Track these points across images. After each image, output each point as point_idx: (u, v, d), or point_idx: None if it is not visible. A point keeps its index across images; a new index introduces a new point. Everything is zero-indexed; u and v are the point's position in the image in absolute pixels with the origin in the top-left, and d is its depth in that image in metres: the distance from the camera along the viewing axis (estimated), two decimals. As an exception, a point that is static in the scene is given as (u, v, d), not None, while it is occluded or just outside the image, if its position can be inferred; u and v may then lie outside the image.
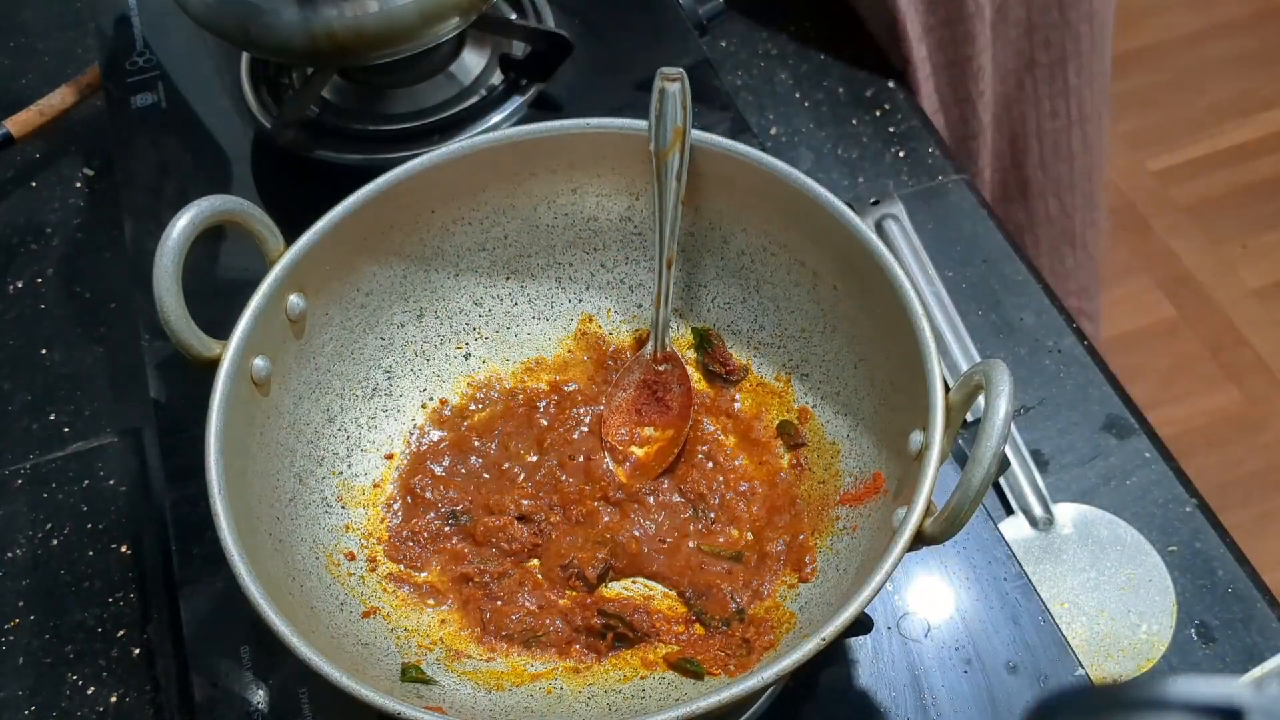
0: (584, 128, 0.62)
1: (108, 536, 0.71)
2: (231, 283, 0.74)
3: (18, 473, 0.74)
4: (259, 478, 0.56)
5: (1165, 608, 0.69)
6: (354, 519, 0.60)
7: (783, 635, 0.55)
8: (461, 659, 0.56)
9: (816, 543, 0.58)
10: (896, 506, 0.51)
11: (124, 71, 0.86)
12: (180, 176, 0.81)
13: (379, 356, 0.64)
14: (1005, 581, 0.61)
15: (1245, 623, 0.68)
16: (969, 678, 0.58)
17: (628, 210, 0.65)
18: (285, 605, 0.48)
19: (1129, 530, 0.72)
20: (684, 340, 0.66)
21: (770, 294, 0.63)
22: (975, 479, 0.45)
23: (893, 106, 0.91)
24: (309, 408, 0.60)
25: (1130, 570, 0.70)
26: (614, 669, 0.56)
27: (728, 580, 0.58)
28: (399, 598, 0.58)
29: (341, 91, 0.82)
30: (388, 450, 0.63)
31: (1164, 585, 0.70)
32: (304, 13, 0.70)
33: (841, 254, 0.58)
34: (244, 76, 0.85)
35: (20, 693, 0.65)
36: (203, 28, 0.74)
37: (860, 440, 0.59)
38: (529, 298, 0.67)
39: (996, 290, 0.82)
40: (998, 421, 0.45)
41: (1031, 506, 0.72)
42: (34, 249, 0.87)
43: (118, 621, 0.68)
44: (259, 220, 0.57)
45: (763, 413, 0.63)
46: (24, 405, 0.79)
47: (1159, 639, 0.68)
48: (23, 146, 0.90)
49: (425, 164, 0.60)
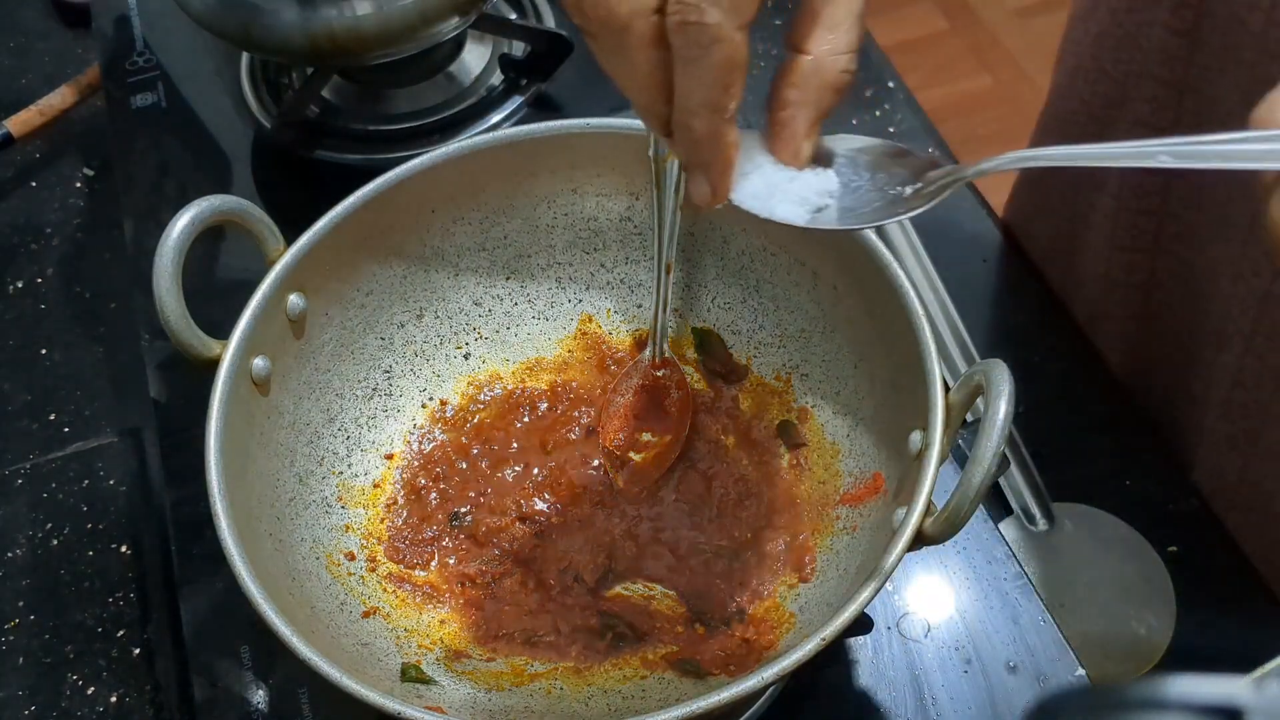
0: (584, 128, 0.62)
1: (108, 536, 0.71)
2: (231, 283, 0.74)
3: (18, 473, 0.74)
4: (259, 478, 0.56)
5: (1165, 608, 0.69)
6: (354, 519, 0.60)
7: (783, 635, 0.55)
8: (461, 659, 0.56)
9: (816, 543, 0.58)
10: (896, 506, 0.51)
11: (124, 71, 0.86)
12: (180, 176, 0.81)
13: (379, 356, 0.64)
14: (1005, 581, 0.61)
15: (1245, 623, 0.68)
16: (969, 678, 0.58)
17: (628, 210, 0.65)
18: (285, 605, 0.48)
19: (1129, 530, 0.72)
20: (684, 340, 0.66)
21: (770, 294, 0.63)
22: (975, 479, 0.45)
23: (893, 106, 0.91)
24: (309, 408, 0.60)
25: (1130, 570, 0.70)
26: (614, 669, 0.56)
27: (728, 580, 0.58)
28: (399, 598, 0.58)
29: (341, 91, 0.82)
30: (388, 450, 0.63)
31: (1164, 585, 0.69)
32: (304, 13, 0.70)
33: (841, 254, 0.58)
34: (244, 76, 0.85)
35: (20, 693, 0.65)
36: (203, 28, 0.74)
37: (860, 440, 0.59)
38: (529, 298, 0.67)
39: (996, 290, 0.82)
40: (998, 421, 0.45)
41: (1031, 506, 0.72)
42: (34, 249, 0.87)
43: (118, 621, 0.68)
44: (259, 220, 0.57)
45: (763, 413, 0.63)
46: (24, 405, 0.79)
47: (1159, 639, 0.68)
48: (23, 146, 0.90)
49: (425, 164, 0.60)
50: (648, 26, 0.38)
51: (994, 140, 0.96)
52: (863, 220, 0.45)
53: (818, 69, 0.42)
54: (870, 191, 0.46)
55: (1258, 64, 0.61)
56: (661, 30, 0.38)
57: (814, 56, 0.42)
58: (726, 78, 0.39)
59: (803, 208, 0.45)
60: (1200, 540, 0.72)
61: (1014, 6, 2.10)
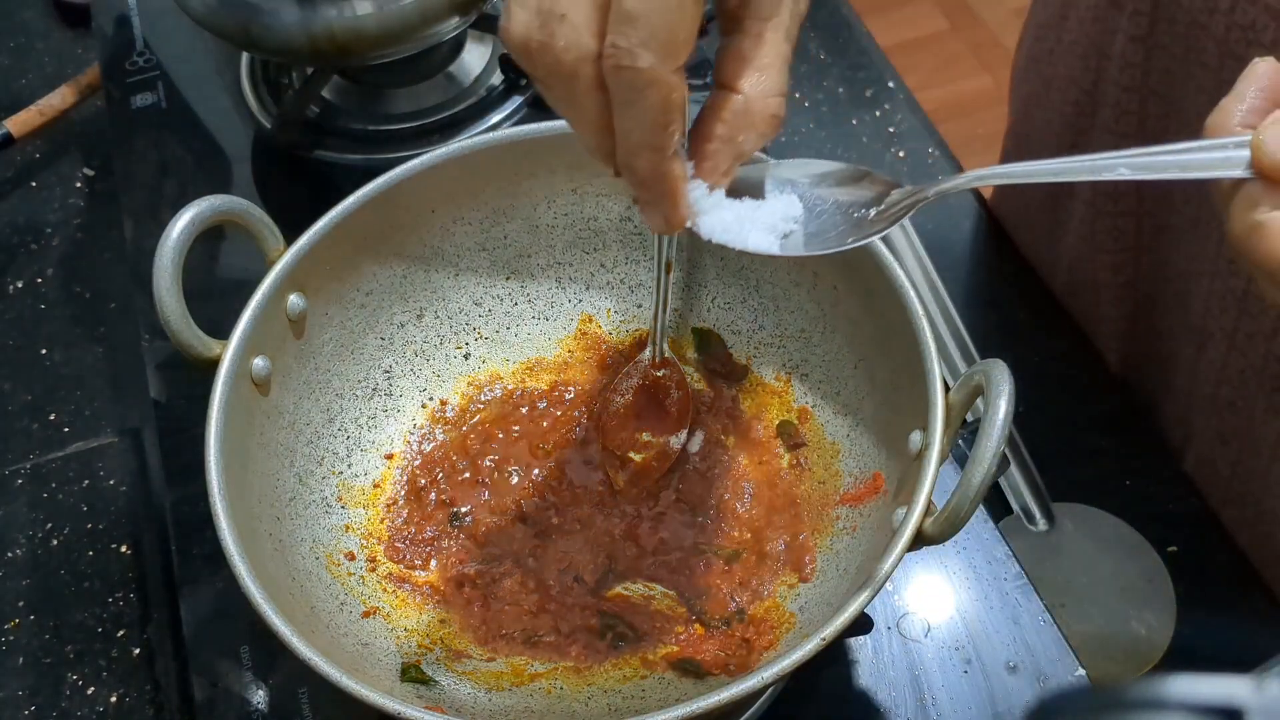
0: (584, 128, 0.62)
1: (108, 536, 0.71)
2: (231, 283, 0.74)
3: (18, 473, 0.74)
4: (259, 478, 0.56)
5: (1165, 608, 0.69)
6: (354, 519, 0.60)
7: (783, 635, 0.55)
8: (461, 659, 0.56)
9: (816, 543, 0.58)
10: (896, 506, 0.51)
11: (124, 71, 0.86)
12: (180, 176, 0.81)
13: (379, 356, 0.64)
14: (1005, 581, 0.61)
15: (1245, 623, 0.68)
16: (969, 678, 0.58)
17: (628, 210, 0.65)
18: (285, 605, 0.48)
19: (1129, 530, 0.72)
20: (684, 340, 0.66)
21: (770, 294, 0.63)
22: (975, 479, 0.45)
23: (893, 106, 0.91)
24: (309, 408, 0.60)
25: (1130, 570, 0.70)
26: (614, 669, 0.56)
27: (727, 580, 0.58)
28: (399, 598, 0.58)
29: (341, 91, 0.82)
30: (388, 450, 0.63)
31: (1164, 585, 0.69)
32: (304, 13, 0.70)
33: (841, 254, 0.58)
34: (244, 76, 0.85)
35: (20, 693, 0.65)
36: (203, 28, 0.74)
37: (860, 440, 0.59)
38: (529, 298, 0.67)
39: (996, 290, 0.82)
40: (998, 421, 0.45)
41: (1031, 506, 0.72)
42: (34, 249, 0.87)
43: (118, 621, 0.68)
44: (259, 220, 0.57)
45: (763, 413, 0.63)
46: (24, 405, 0.79)
47: (1159, 639, 0.68)
48: (23, 146, 0.90)
49: (425, 164, 0.60)
50: (593, 71, 0.39)
51: (994, 140, 0.96)
52: (828, 245, 0.47)
53: (748, 108, 0.43)
54: (835, 215, 0.48)
55: (1222, 66, 0.61)
56: (603, 74, 0.39)
57: (744, 95, 0.43)
58: (664, 118, 0.40)
59: (772, 235, 0.47)
60: (1200, 540, 0.72)
61: (1014, 6, 2.10)
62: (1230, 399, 0.70)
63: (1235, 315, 0.67)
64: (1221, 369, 0.69)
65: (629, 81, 0.39)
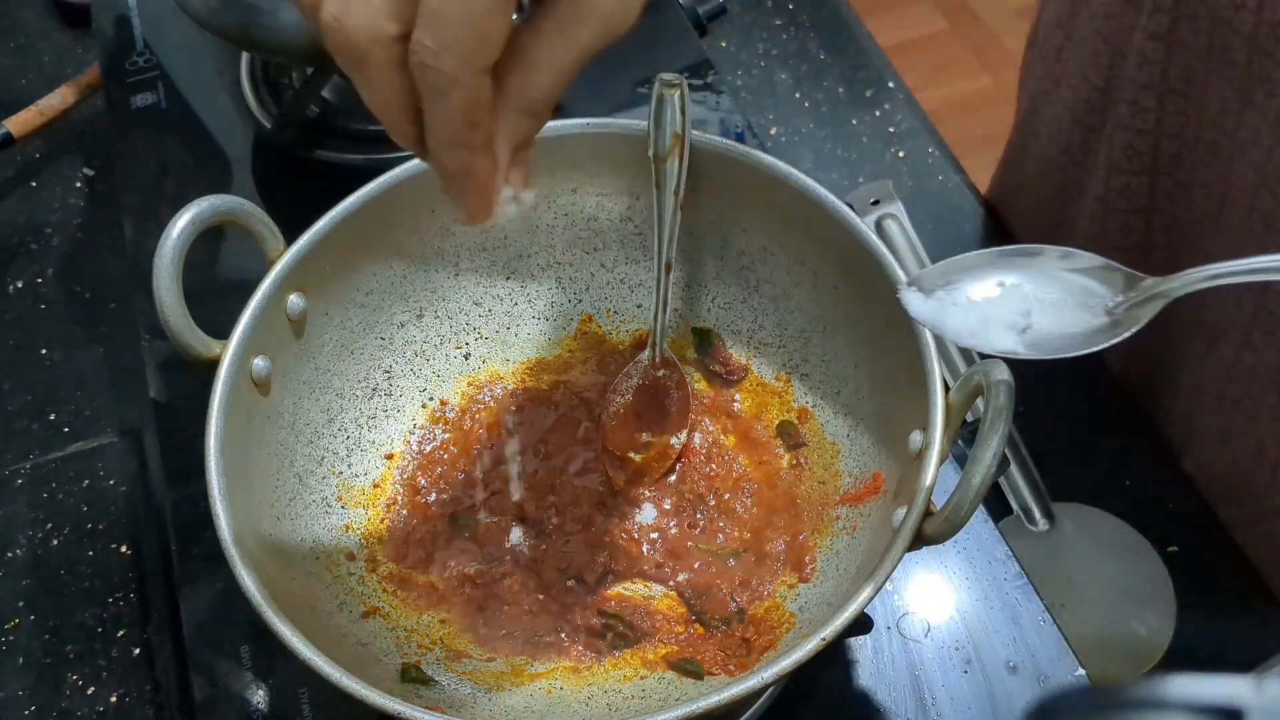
0: (584, 128, 0.62)
1: (108, 536, 0.71)
2: (231, 283, 0.74)
3: (18, 473, 0.74)
4: (259, 478, 0.56)
5: (1165, 608, 0.69)
6: (354, 519, 0.60)
7: (782, 635, 0.55)
8: (461, 659, 0.56)
9: (816, 543, 0.58)
10: (896, 506, 0.51)
11: (124, 71, 0.86)
12: (180, 176, 0.81)
13: (379, 356, 0.64)
14: (1005, 581, 0.61)
15: (1245, 623, 0.68)
16: (969, 678, 0.58)
17: (628, 210, 0.65)
18: (285, 605, 0.48)
19: (1129, 530, 0.72)
20: (684, 340, 0.66)
21: (770, 294, 0.63)
22: (975, 479, 0.45)
23: (893, 106, 0.91)
24: (309, 408, 0.60)
25: (1130, 570, 0.70)
26: (614, 669, 0.56)
27: (727, 580, 0.58)
28: (399, 598, 0.58)
29: (341, 91, 0.82)
30: (388, 450, 0.63)
31: (1164, 585, 0.69)
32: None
33: (841, 254, 0.58)
34: (244, 76, 0.85)
35: (20, 693, 0.65)
36: (203, 28, 0.74)
37: (860, 440, 0.59)
38: (529, 298, 0.67)
39: (996, 290, 0.82)
40: (998, 421, 0.45)
41: (1031, 506, 0.72)
42: (34, 249, 0.87)
43: (118, 621, 0.68)
44: (259, 220, 0.57)
45: (763, 413, 0.63)
46: (24, 405, 0.79)
47: (1159, 639, 0.68)
48: (23, 146, 0.90)
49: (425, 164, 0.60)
50: (387, 54, 0.38)
51: (994, 140, 0.96)
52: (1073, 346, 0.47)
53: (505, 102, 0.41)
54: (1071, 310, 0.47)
55: (1250, 63, 0.61)
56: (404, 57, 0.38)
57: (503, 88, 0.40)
58: (469, 117, 0.39)
59: (1012, 331, 0.47)
60: (1200, 540, 0.72)
61: (1014, 6, 2.11)
62: (1237, 397, 0.70)
63: (1252, 312, 0.67)
64: (1233, 365, 0.69)
65: (433, 81, 0.38)
